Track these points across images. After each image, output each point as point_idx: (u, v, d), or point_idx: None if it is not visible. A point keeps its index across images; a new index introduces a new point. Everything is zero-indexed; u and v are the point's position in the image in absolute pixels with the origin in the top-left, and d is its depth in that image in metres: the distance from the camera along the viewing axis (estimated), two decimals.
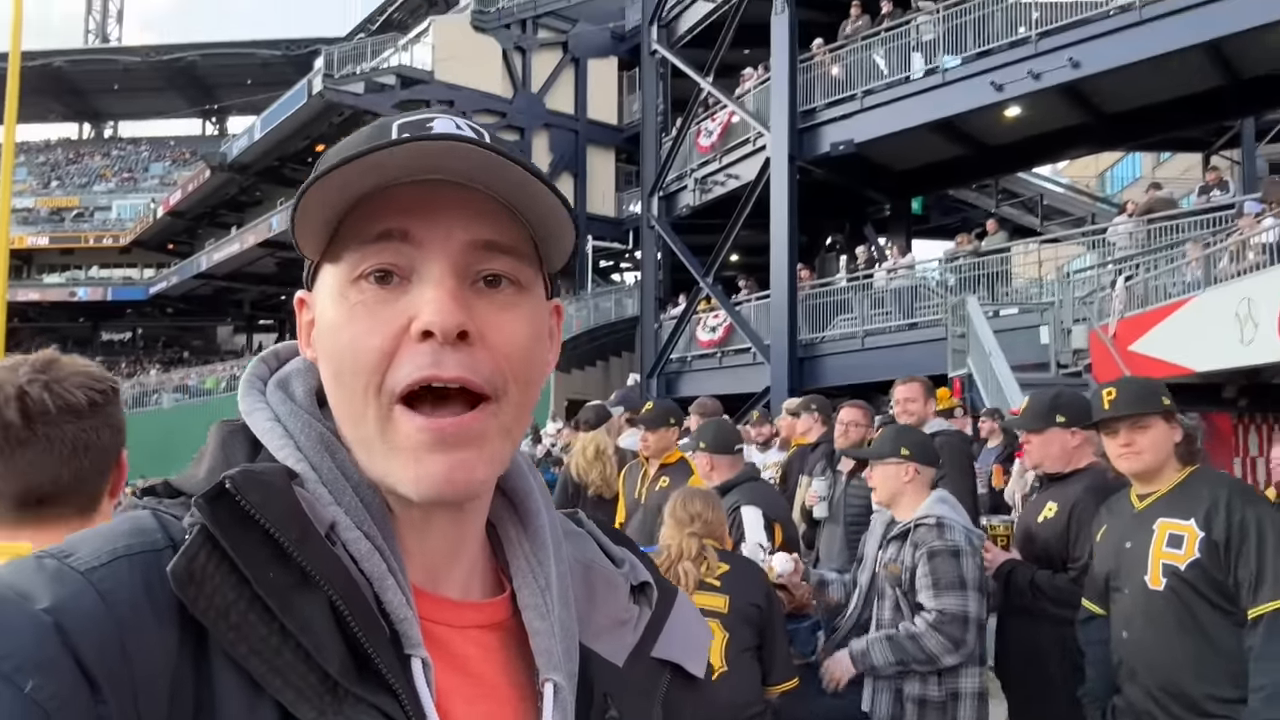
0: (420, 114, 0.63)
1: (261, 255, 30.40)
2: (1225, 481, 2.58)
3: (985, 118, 14.16)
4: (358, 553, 0.59)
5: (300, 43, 38.92)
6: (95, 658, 0.49)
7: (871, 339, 13.99)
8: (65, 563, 0.53)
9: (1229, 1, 10.73)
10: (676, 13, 18.22)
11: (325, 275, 0.64)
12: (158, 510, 0.59)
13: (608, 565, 0.73)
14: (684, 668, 0.72)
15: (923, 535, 3.05)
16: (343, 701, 0.54)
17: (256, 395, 0.67)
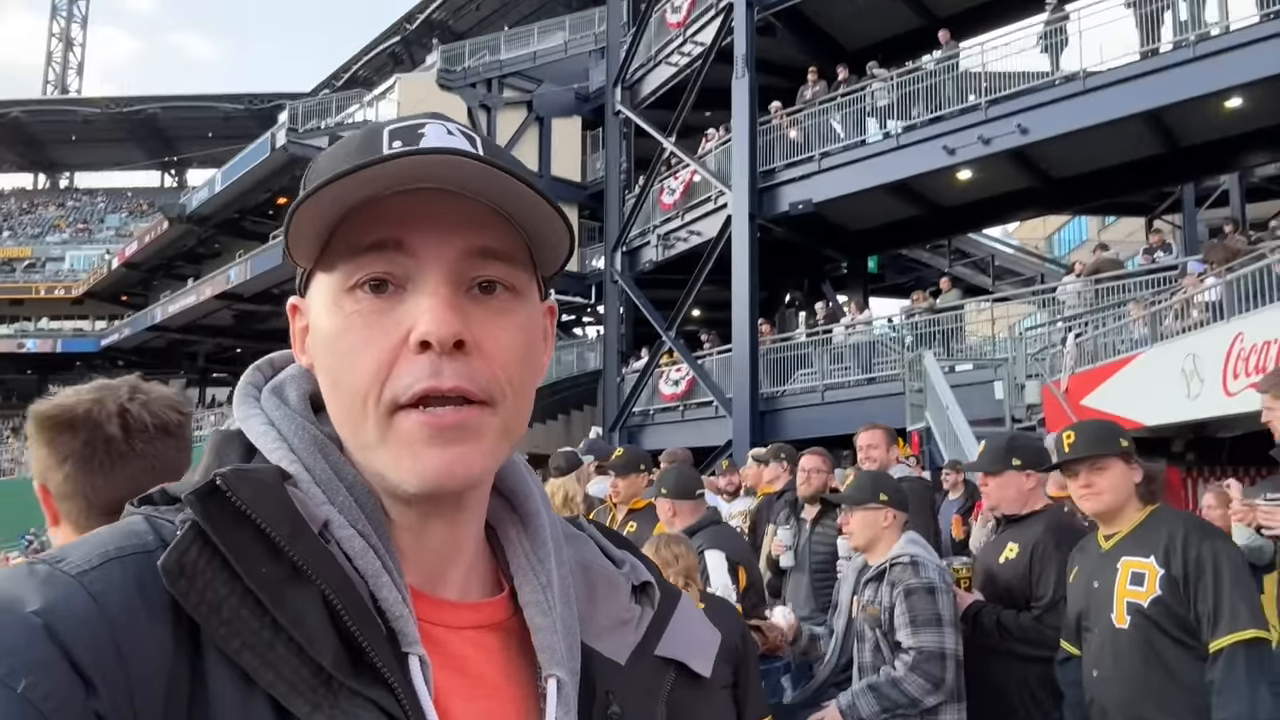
0: (411, 120, 0.63)
1: (218, 307, 30.06)
2: (1183, 519, 2.65)
3: (938, 180, 14.63)
4: (351, 550, 0.59)
5: (264, 97, 39.10)
6: (89, 657, 0.49)
7: (831, 393, 14.17)
8: (56, 567, 0.53)
9: (1167, 73, 11.30)
10: (640, 75, 18.66)
11: (319, 284, 0.64)
12: (150, 515, 0.58)
13: (608, 566, 0.73)
14: (689, 666, 0.72)
15: (898, 574, 3.10)
16: (337, 695, 0.54)
17: (251, 402, 0.68)
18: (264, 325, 31.40)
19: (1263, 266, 7.18)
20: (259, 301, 28.48)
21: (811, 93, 15.36)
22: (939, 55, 14.26)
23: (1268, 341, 6.75)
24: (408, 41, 33.79)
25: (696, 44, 16.71)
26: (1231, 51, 10.73)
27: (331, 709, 0.54)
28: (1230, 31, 11.02)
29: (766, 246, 15.33)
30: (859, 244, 17.62)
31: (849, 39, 16.91)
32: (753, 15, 15.24)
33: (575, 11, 28.79)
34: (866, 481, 3.36)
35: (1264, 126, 12.11)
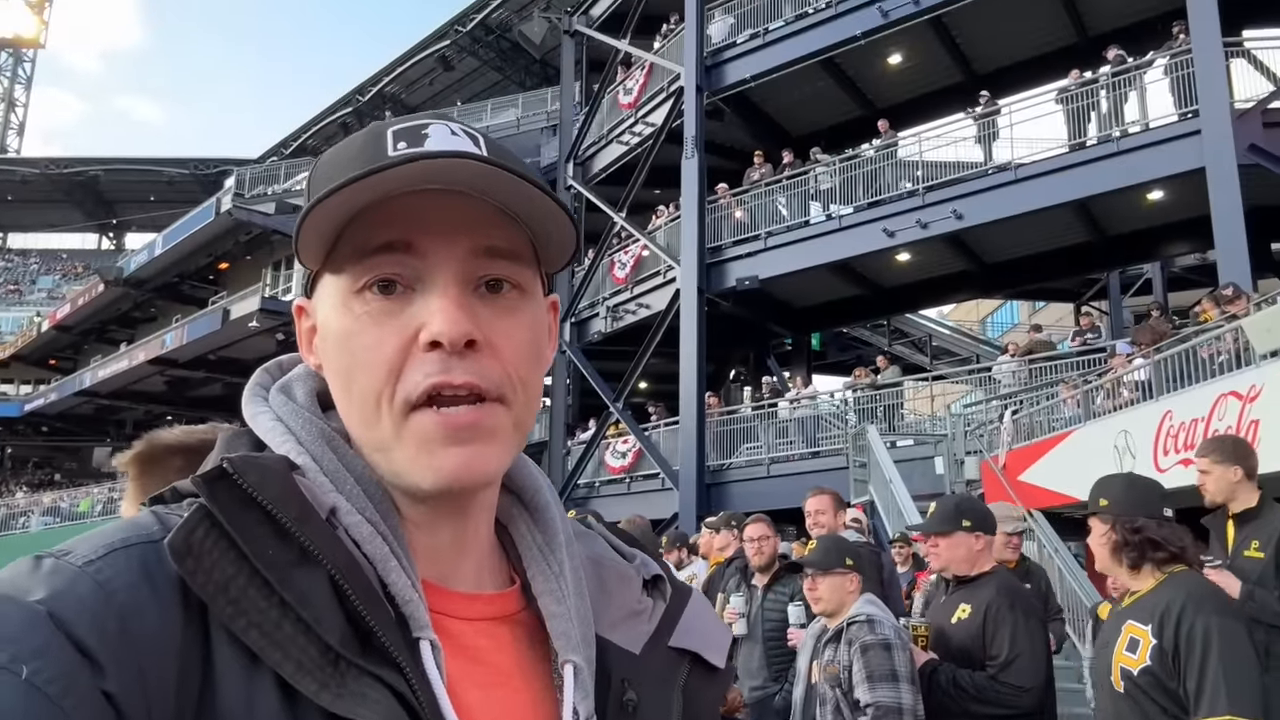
0: (414, 120, 0.63)
1: (151, 373, 29.25)
2: (1188, 587, 2.52)
3: (878, 261, 15.13)
4: (359, 536, 0.60)
5: (210, 162, 38.85)
6: (94, 640, 0.50)
7: (776, 466, 14.28)
8: (62, 560, 0.53)
9: (1093, 165, 11.97)
10: (592, 152, 19.08)
11: (326, 285, 0.64)
12: (157, 510, 0.59)
13: (619, 560, 0.75)
14: (704, 657, 0.72)
15: (855, 632, 3.15)
16: (345, 675, 0.54)
17: (260, 401, 0.69)
18: (197, 392, 30.58)
19: (1188, 348, 7.53)
20: (193, 368, 27.83)
21: (759, 174, 15.86)
22: (879, 143, 14.91)
23: (1195, 419, 7.04)
24: (360, 112, 34.01)
25: (648, 124, 17.21)
26: (1152, 147, 11.44)
27: (339, 688, 0.54)
28: (1150, 129, 11.76)
29: (714, 320, 15.59)
30: (803, 321, 18.02)
31: (793, 125, 17.59)
32: (702, 99, 15.79)
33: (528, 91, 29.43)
34: (832, 547, 3.39)
35: (1183, 219, 12.82)
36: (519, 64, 31.19)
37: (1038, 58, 15.13)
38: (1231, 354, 7.00)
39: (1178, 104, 11.44)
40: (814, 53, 14.98)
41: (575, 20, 20.33)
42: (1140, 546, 2.56)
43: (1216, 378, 6.92)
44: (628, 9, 18.51)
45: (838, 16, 14.59)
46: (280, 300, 24.36)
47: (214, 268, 28.68)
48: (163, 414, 33.06)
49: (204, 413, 31.87)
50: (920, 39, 14.90)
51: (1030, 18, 14.24)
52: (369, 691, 0.54)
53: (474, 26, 28.98)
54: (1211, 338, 7.32)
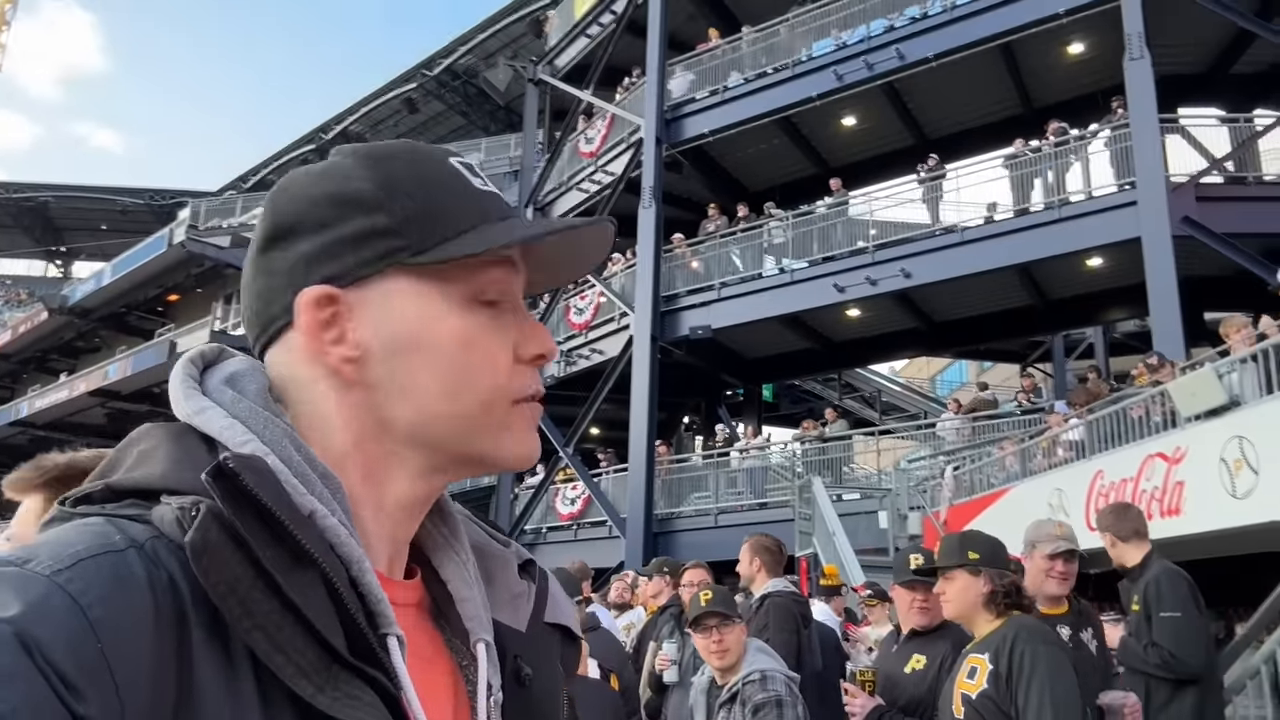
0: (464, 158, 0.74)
1: (91, 405, 28.46)
2: (1020, 623, 2.83)
3: (829, 316, 15.39)
4: (335, 539, 0.60)
5: (166, 193, 38.40)
6: (70, 661, 0.48)
7: (724, 516, 14.30)
8: (26, 569, 0.50)
9: (1037, 230, 12.37)
10: (551, 198, 19.26)
11: (411, 286, 0.67)
12: (110, 516, 0.57)
13: (498, 547, 0.79)
14: (569, 629, 0.81)
15: (749, 691, 3.15)
16: (337, 677, 0.56)
17: (199, 396, 0.65)
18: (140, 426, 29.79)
19: (1120, 409, 7.74)
20: (136, 401, 27.14)
21: (714, 226, 16.11)
22: (831, 201, 15.26)
23: (1124, 479, 7.23)
24: (322, 151, 33.95)
25: (607, 173, 17.44)
26: (1092, 215, 11.87)
27: (334, 690, 0.55)
28: (1091, 198, 12.21)
29: (666, 369, 15.68)
30: (755, 372, 18.19)
31: (749, 180, 17.94)
32: (661, 152, 16.06)
33: (492, 136, 29.65)
34: (723, 597, 3.37)
35: (1122, 285, 13.25)
36: (483, 109, 31.47)
37: (985, 126, 15.68)
38: (1161, 417, 7.22)
39: (1117, 175, 11.91)
40: (771, 111, 15.37)
41: (540, 69, 20.65)
42: (1007, 595, 2.84)
43: (1144, 439, 7.12)
44: (592, 61, 18.85)
45: (795, 78, 15.01)
46: (230, 335, 23.98)
47: (163, 299, 28.16)
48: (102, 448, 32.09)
49: None
50: (873, 103, 15.37)
51: (979, 88, 14.78)
52: (360, 693, 0.56)
53: (440, 71, 29.25)
54: (1141, 400, 7.55)
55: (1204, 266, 11.73)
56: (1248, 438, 5.58)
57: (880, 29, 14.21)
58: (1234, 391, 6.02)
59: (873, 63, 14.11)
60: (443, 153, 0.71)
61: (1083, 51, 13.78)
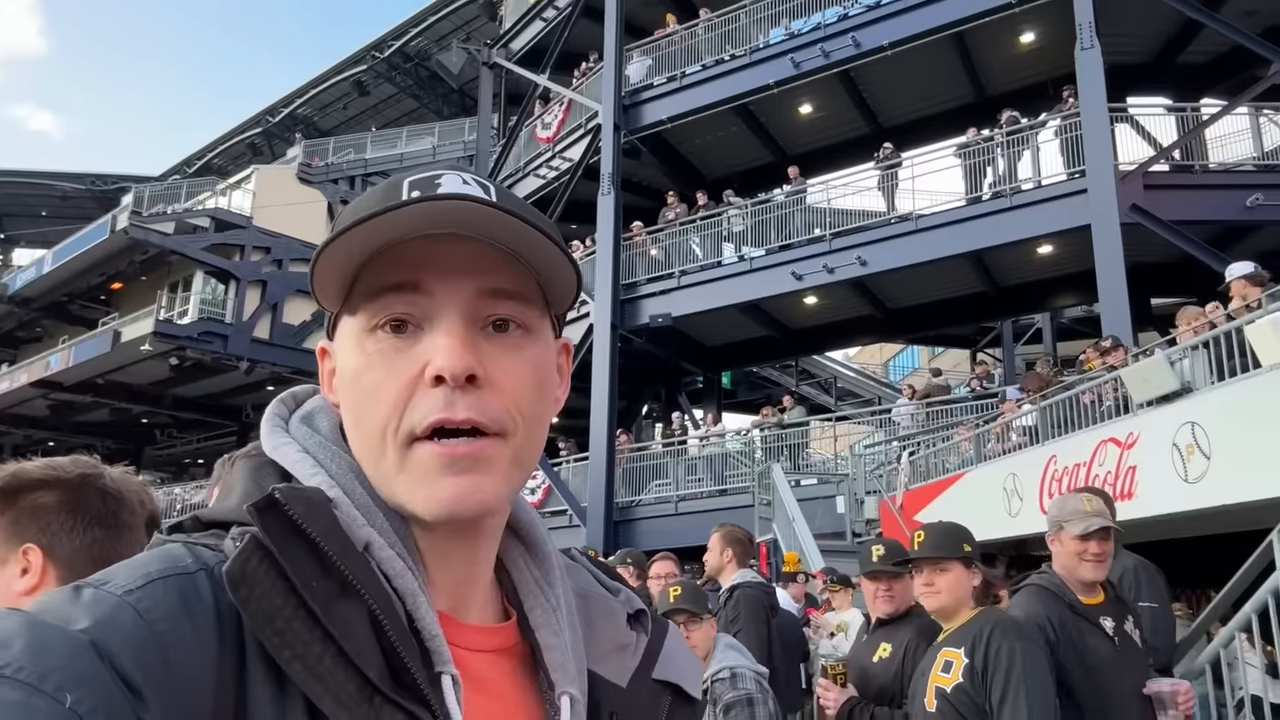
0: (429, 172, 0.66)
1: (33, 396, 27.63)
2: (995, 617, 2.83)
3: (787, 303, 15.49)
4: (391, 570, 0.61)
5: (108, 178, 37.31)
6: (136, 670, 0.50)
7: (685, 504, 14.36)
8: (102, 589, 0.54)
9: (986, 219, 12.55)
10: (508, 185, 19.03)
11: (344, 326, 0.67)
12: (186, 541, 0.61)
13: (605, 594, 0.77)
14: (683, 689, 0.75)
15: (719, 690, 3.12)
16: (380, 711, 0.56)
17: (281, 432, 0.70)
18: (83, 417, 29.04)
19: (1072, 395, 7.90)
20: (80, 391, 26.43)
21: (674, 214, 16.10)
22: (789, 189, 15.34)
23: (1077, 464, 7.37)
24: (269, 134, 33.30)
25: (565, 159, 17.31)
26: (1042, 204, 12.07)
27: None
28: (1042, 186, 12.41)
29: (627, 357, 15.66)
30: (714, 359, 18.26)
31: (708, 168, 17.95)
32: (619, 138, 15.99)
33: (445, 120, 29.30)
34: (692, 593, 3.33)
35: (1071, 272, 13.53)
36: (437, 93, 31.07)
37: (939, 114, 15.86)
38: (1113, 402, 7.37)
39: (1066, 164, 12.12)
40: (729, 98, 15.37)
41: (495, 53, 20.40)
42: (987, 586, 2.90)
43: (1098, 425, 7.27)
44: (548, 44, 18.67)
45: (752, 65, 15.02)
46: (175, 324, 23.43)
47: (106, 288, 27.39)
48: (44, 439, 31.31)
49: (89, 439, 30.22)
50: (830, 91, 15.45)
51: (932, 76, 14.93)
52: None
53: (392, 53, 28.79)
54: (1094, 386, 7.71)
55: (1151, 254, 12.01)
56: (1199, 423, 5.72)
57: (834, 17, 14.28)
58: (1185, 378, 6.16)
59: (829, 50, 14.17)
60: (397, 177, 0.67)
61: (1034, 41, 13.99)
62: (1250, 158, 12.49)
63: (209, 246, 24.21)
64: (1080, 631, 2.91)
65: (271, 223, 24.87)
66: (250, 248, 24.80)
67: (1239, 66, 13.52)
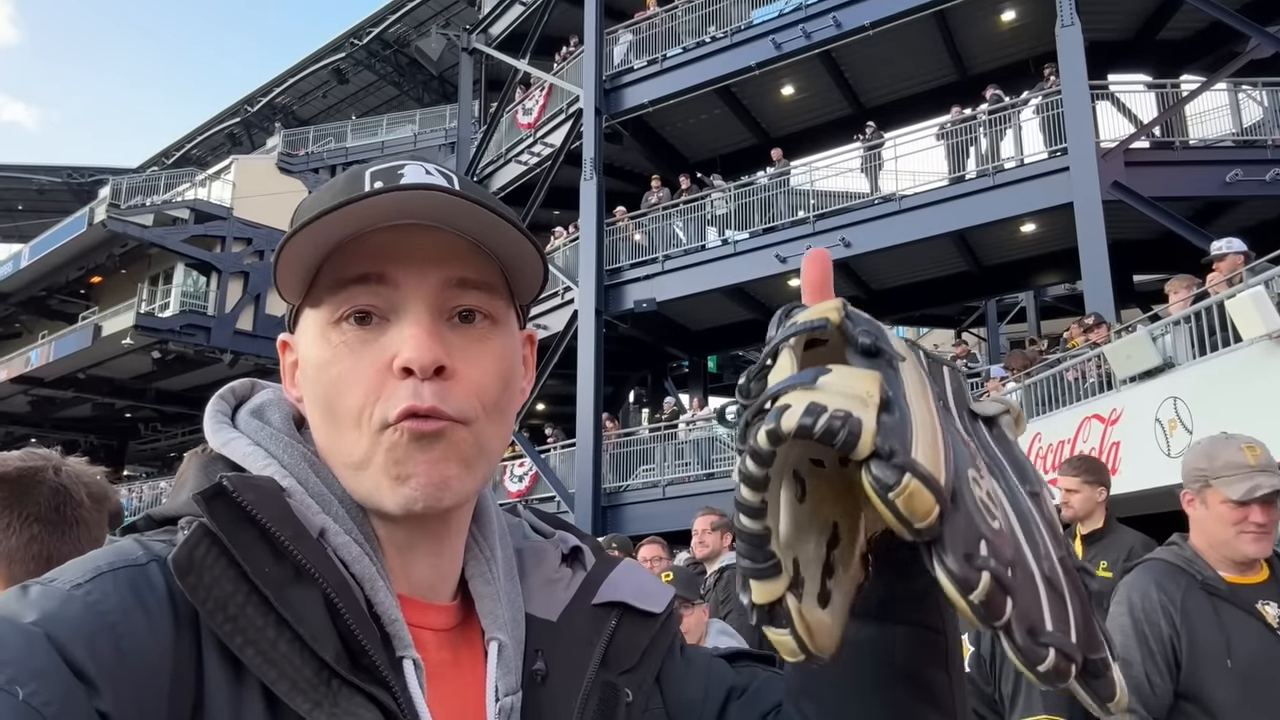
0: (392, 162, 0.66)
1: (13, 392, 27.39)
2: None
3: (772, 286, 15.46)
4: (348, 556, 0.61)
5: (85, 170, 36.87)
6: (89, 660, 0.50)
7: (672, 488, 14.38)
8: (50, 585, 0.54)
9: (971, 198, 12.57)
10: (489, 171, 18.96)
11: (307, 319, 0.67)
12: (138, 537, 0.60)
13: (536, 539, 0.77)
14: (633, 606, 0.72)
15: None
16: (337, 695, 0.56)
17: (227, 427, 0.69)
18: (64, 413, 28.80)
19: (1056, 373, 7.94)
20: (61, 386, 26.20)
21: (657, 197, 16.04)
22: (772, 171, 15.29)
23: (1061, 440, 7.42)
24: (248, 124, 32.95)
25: (547, 145, 17.21)
26: (1025, 182, 12.09)
27: (332, 707, 0.55)
28: (1024, 164, 12.43)
29: (612, 342, 15.64)
30: (700, 344, 18.25)
31: (690, 151, 17.89)
32: (601, 122, 15.90)
33: (426, 107, 29.06)
34: (685, 579, 3.33)
35: (1054, 250, 13.58)
36: (416, 80, 30.79)
37: (922, 94, 15.84)
38: (1096, 379, 7.41)
39: (1048, 142, 12.14)
40: (710, 81, 15.29)
41: (474, 38, 20.22)
42: None
43: (1081, 401, 7.31)
44: (527, 29, 18.52)
45: (734, 47, 14.95)
46: (157, 317, 23.23)
47: (85, 281, 27.10)
48: (25, 435, 31.02)
49: (71, 434, 30.01)
50: (811, 72, 15.40)
51: (914, 56, 14.90)
52: (361, 711, 0.56)
53: (370, 40, 28.49)
54: (1078, 363, 7.74)
55: (1133, 230, 12.06)
56: (1181, 398, 5.76)
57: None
58: (1168, 354, 6.20)
59: (810, 31, 14.11)
60: (358, 168, 0.67)
61: (1014, 19, 13.97)
62: (1230, 133, 12.55)
63: (189, 238, 23.97)
64: (1220, 618, 2.21)
65: (252, 213, 24.63)
66: (231, 239, 24.59)
67: (1218, 42, 13.56)
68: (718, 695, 0.71)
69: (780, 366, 0.54)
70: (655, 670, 0.72)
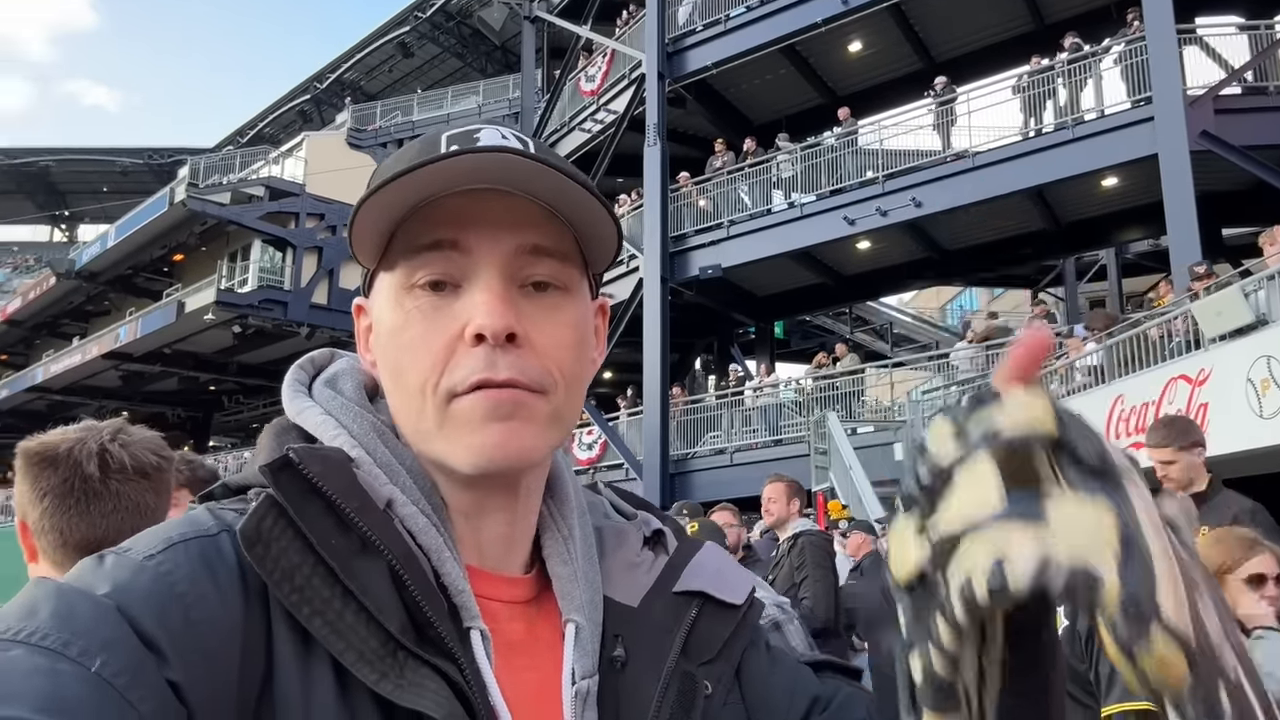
0: (468, 126, 0.66)
1: (105, 368, 28.59)
2: None
3: (839, 249, 15.20)
4: (415, 527, 0.62)
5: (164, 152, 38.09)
6: (158, 630, 0.51)
7: (740, 455, 14.34)
8: (124, 555, 0.55)
9: (1048, 153, 12.09)
10: (553, 140, 18.94)
11: (382, 283, 0.67)
12: (210, 506, 0.62)
13: (618, 520, 0.76)
14: (716, 596, 0.71)
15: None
16: (404, 665, 0.56)
17: (303, 397, 0.70)
18: (153, 387, 29.98)
19: (1139, 333, 7.63)
20: (148, 361, 27.24)
21: (721, 162, 15.84)
22: (839, 131, 14.94)
23: (1145, 403, 7.15)
24: (318, 100, 33.55)
25: (609, 112, 17.11)
26: (1106, 134, 11.58)
27: (398, 678, 0.55)
28: (1105, 115, 11.90)
29: (677, 310, 15.58)
30: (766, 309, 18.07)
31: (755, 113, 17.59)
32: (664, 87, 15.72)
33: (490, 78, 29.17)
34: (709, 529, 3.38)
35: (1137, 205, 13.01)
36: (480, 51, 30.91)
37: (996, 45, 15.25)
38: (1183, 338, 7.11)
39: (1131, 91, 11.59)
40: (775, 40, 14.97)
41: (535, 6, 20.16)
42: None
43: (1167, 362, 7.02)
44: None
45: (798, 3, 14.58)
46: (236, 293, 23.92)
47: (168, 259, 28.05)
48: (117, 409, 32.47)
49: (159, 407, 31.29)
50: (880, 26, 14.95)
51: (987, 5, 14.35)
52: (426, 681, 0.56)
53: (434, 12, 28.65)
54: (1163, 322, 7.43)
55: (1221, 181, 11.48)
56: (1276, 357, 5.48)
57: None
58: (1261, 310, 5.89)
59: None
60: (435, 131, 0.67)
61: None
62: None
63: (264, 215, 24.58)
64: None
65: (324, 189, 25.10)
66: (305, 215, 25.12)
67: None
68: (802, 703, 0.70)
69: (977, 483, 0.42)
70: (735, 663, 0.70)
